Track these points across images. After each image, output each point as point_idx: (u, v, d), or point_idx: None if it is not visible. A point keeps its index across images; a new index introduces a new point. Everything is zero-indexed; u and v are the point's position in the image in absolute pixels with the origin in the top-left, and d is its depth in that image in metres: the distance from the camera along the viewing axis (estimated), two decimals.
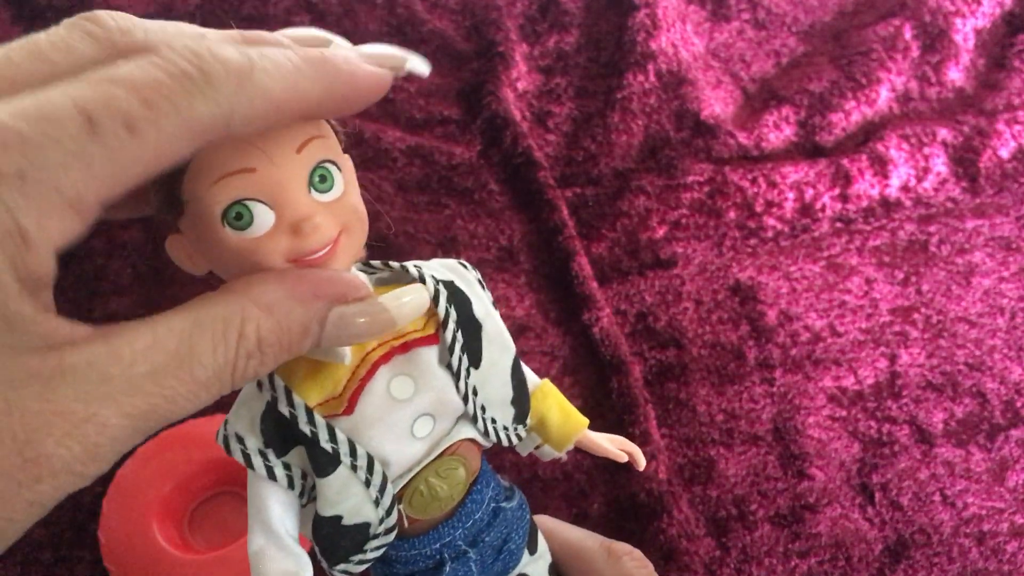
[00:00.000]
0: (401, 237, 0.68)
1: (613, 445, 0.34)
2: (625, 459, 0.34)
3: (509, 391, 0.28)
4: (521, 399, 0.29)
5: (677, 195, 0.75)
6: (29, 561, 0.52)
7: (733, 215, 0.74)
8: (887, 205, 0.77)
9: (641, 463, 0.34)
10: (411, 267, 0.26)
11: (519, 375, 0.29)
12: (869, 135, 0.80)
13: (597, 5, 0.87)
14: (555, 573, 0.33)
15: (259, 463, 0.25)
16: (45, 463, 0.17)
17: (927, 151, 0.79)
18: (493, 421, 0.28)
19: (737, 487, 0.57)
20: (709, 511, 0.56)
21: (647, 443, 0.57)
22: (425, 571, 0.29)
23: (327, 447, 0.24)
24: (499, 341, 0.28)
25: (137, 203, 0.22)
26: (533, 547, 0.32)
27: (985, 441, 0.60)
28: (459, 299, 0.26)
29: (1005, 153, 0.80)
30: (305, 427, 0.24)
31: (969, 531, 0.56)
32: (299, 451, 0.25)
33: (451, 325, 0.26)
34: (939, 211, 0.77)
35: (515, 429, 0.29)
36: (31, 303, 0.17)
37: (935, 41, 0.86)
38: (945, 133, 0.80)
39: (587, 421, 0.33)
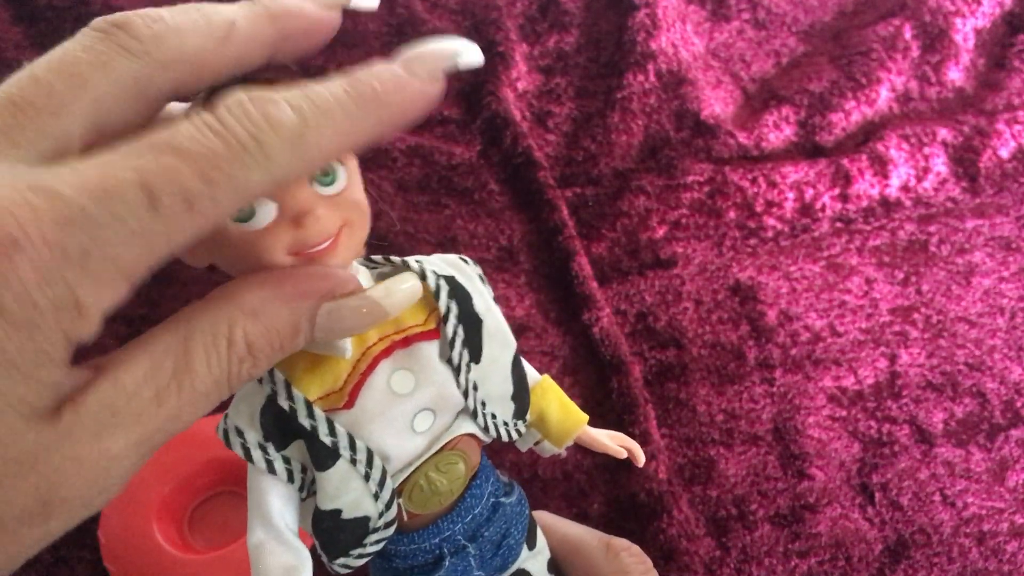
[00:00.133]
0: (401, 237, 0.68)
1: (613, 441, 0.34)
2: (624, 455, 0.34)
3: (509, 387, 0.28)
4: (521, 395, 0.29)
5: (677, 195, 0.75)
6: (29, 561, 0.51)
7: (733, 215, 0.74)
8: (887, 205, 0.77)
9: (640, 459, 0.34)
10: (412, 262, 0.26)
11: (519, 371, 0.29)
12: (869, 135, 0.80)
13: (597, 5, 0.87)
14: (554, 569, 0.33)
15: (259, 456, 0.25)
16: (60, 504, 0.17)
17: (927, 151, 0.79)
18: (493, 416, 0.28)
19: (737, 487, 0.57)
20: (709, 511, 0.56)
21: (647, 443, 0.57)
22: (424, 565, 0.29)
23: (326, 441, 0.24)
24: (500, 337, 0.28)
25: None
26: (532, 542, 0.32)
27: (985, 441, 0.60)
28: (460, 294, 0.26)
29: (1005, 153, 0.80)
30: (304, 421, 0.24)
31: (969, 531, 0.56)
32: (299, 445, 0.25)
33: (452, 320, 0.26)
34: (939, 211, 0.77)
35: (515, 425, 0.29)
36: (67, 369, 0.17)
37: (935, 41, 0.86)
38: (945, 133, 0.80)
39: (587, 417, 0.33)
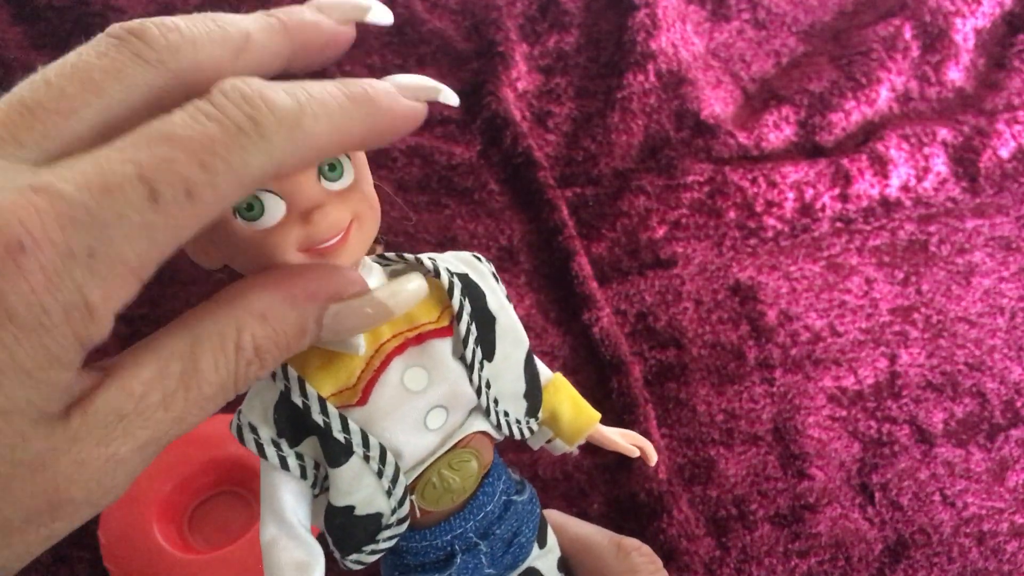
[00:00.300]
0: (401, 237, 0.68)
1: (624, 440, 0.34)
2: (637, 454, 0.34)
3: (522, 384, 0.28)
4: (534, 392, 0.29)
5: (677, 195, 0.75)
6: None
7: (733, 215, 0.74)
8: (887, 205, 0.77)
9: (653, 458, 0.34)
10: (426, 259, 0.26)
11: (532, 369, 0.29)
12: (869, 135, 0.81)
13: (597, 5, 0.87)
14: (564, 568, 0.33)
15: (272, 452, 0.24)
16: (67, 505, 0.17)
17: (927, 151, 0.79)
18: (506, 414, 0.28)
19: (737, 487, 0.57)
20: (709, 511, 0.56)
21: None
22: (436, 563, 0.29)
23: (339, 437, 0.24)
24: (513, 334, 0.28)
25: None
26: (543, 541, 0.32)
27: (985, 441, 0.60)
28: (473, 292, 0.26)
29: (1005, 153, 0.80)
30: (318, 417, 0.24)
31: (969, 531, 0.56)
32: (312, 441, 0.25)
33: (465, 317, 0.26)
34: (939, 211, 0.77)
35: (527, 423, 0.29)
36: (77, 373, 0.17)
37: (935, 41, 0.86)
38: (945, 133, 0.80)
39: (599, 415, 0.33)
